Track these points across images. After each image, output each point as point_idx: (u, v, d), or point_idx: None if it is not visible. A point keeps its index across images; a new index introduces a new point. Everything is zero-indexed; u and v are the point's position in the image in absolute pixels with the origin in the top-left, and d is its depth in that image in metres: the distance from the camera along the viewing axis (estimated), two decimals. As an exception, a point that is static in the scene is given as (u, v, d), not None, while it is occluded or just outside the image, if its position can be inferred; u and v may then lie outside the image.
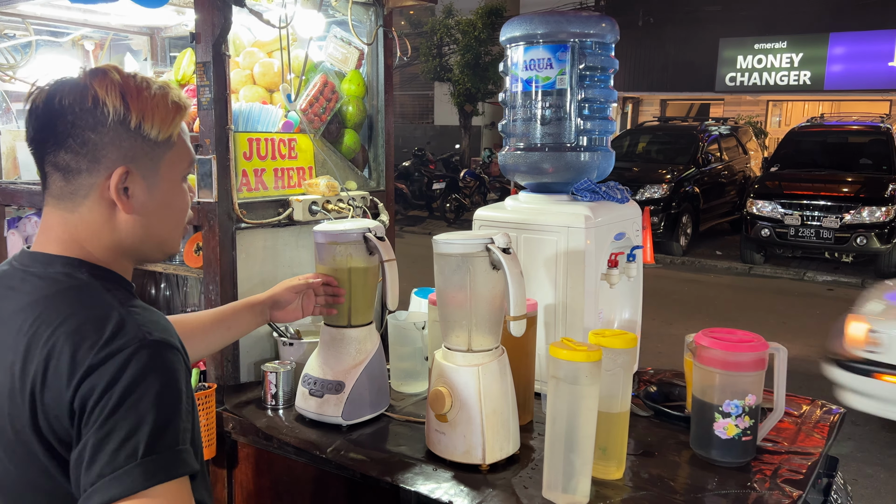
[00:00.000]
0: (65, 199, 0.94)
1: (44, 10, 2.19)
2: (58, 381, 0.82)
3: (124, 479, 0.78)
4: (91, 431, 0.80)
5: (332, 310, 1.50)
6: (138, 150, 0.93)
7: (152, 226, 0.98)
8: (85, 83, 0.91)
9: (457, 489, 1.28)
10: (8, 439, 0.87)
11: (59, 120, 0.90)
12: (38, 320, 0.86)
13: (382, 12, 2.00)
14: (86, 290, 0.91)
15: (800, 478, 1.35)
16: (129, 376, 0.81)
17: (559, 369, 1.21)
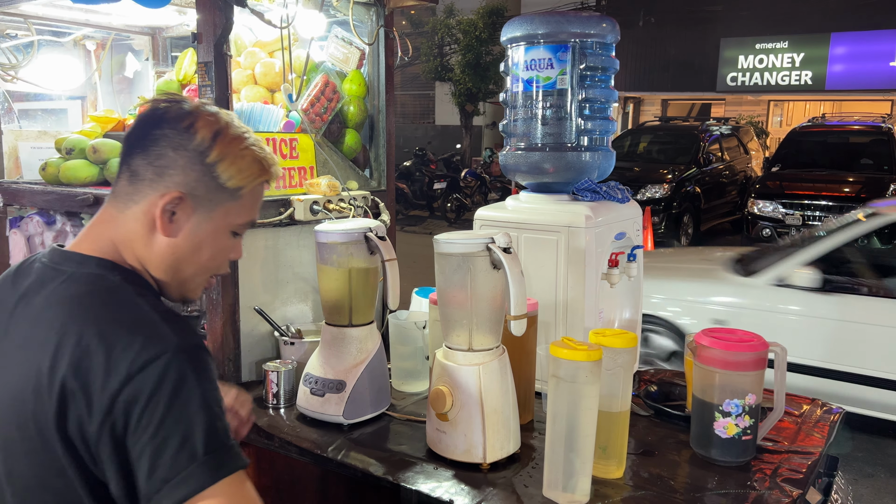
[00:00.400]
0: (121, 200, 0.97)
1: (45, 9, 2.20)
2: (91, 384, 0.82)
3: (190, 480, 0.81)
4: (145, 439, 0.81)
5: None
6: (202, 185, 0.96)
7: (181, 260, 0.99)
8: (193, 111, 0.97)
9: (458, 488, 1.28)
10: (28, 436, 0.87)
11: (155, 129, 0.96)
12: (70, 319, 0.87)
13: (383, 12, 2.00)
14: (118, 292, 0.91)
15: (800, 477, 1.36)
16: (173, 381, 0.82)
17: (560, 368, 1.21)
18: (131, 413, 0.81)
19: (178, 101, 0.98)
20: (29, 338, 0.89)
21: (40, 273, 0.96)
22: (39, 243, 2.26)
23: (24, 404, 0.87)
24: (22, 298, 0.94)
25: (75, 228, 2.26)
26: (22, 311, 0.93)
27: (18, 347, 0.90)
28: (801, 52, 12.31)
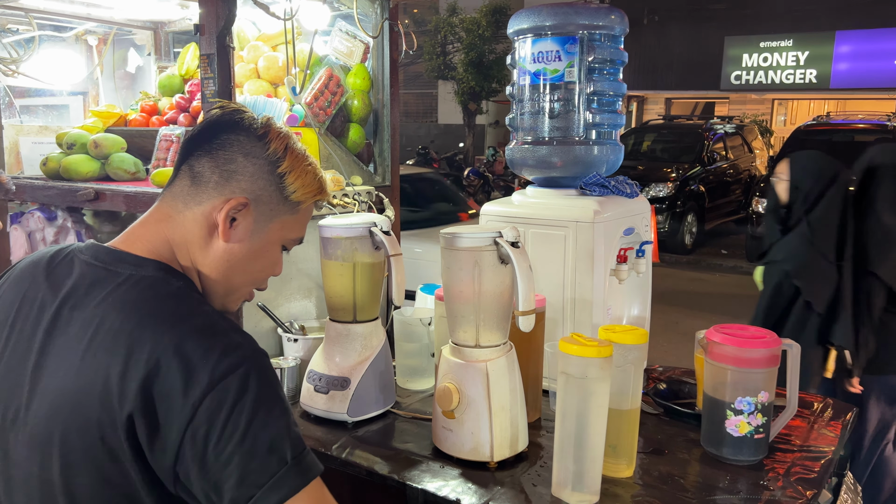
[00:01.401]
0: (180, 200, 0.96)
1: (46, 3, 2.18)
2: (170, 394, 0.80)
3: (283, 484, 0.82)
4: (231, 447, 0.80)
5: None
6: (266, 194, 0.96)
7: (234, 267, 0.98)
8: (266, 123, 0.97)
9: (464, 487, 1.26)
10: (90, 443, 0.83)
11: (225, 133, 0.95)
12: (139, 327, 0.84)
13: (388, 5, 1.98)
14: (185, 299, 0.89)
15: (813, 476, 1.33)
16: (255, 388, 0.82)
17: (569, 365, 1.19)
18: (215, 421, 0.80)
19: (246, 111, 0.98)
20: (91, 342, 0.85)
21: (87, 272, 0.91)
22: (40, 239, 2.24)
23: (88, 410, 0.83)
24: (69, 297, 0.90)
25: (76, 224, 2.24)
26: (72, 311, 0.88)
27: (78, 350, 0.85)
28: (805, 50, 12.26)
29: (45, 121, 2.60)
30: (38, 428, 0.86)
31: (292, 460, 0.83)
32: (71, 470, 0.85)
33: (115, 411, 0.81)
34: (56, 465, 0.85)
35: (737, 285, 7.78)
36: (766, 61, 12.63)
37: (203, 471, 0.81)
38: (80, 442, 0.83)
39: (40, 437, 0.86)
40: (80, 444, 0.84)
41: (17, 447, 0.89)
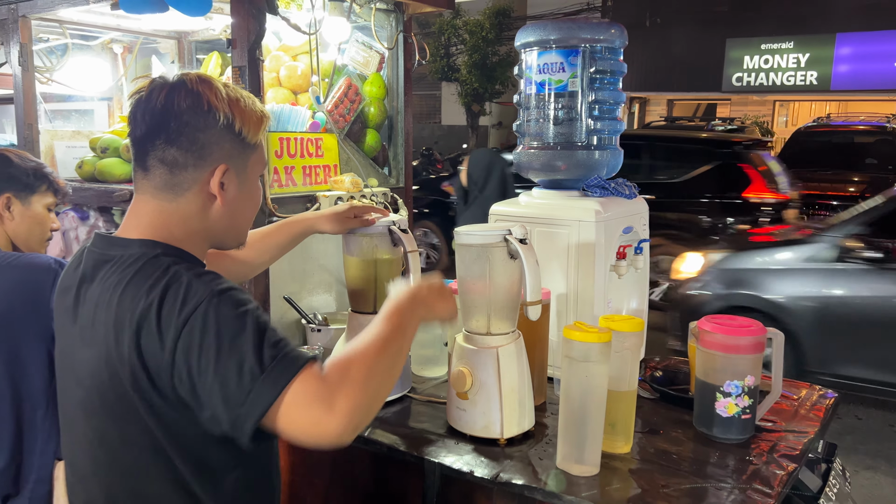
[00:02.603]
0: (166, 191, 1.06)
1: (80, 15, 2.31)
2: (153, 344, 0.95)
3: (259, 397, 0.90)
4: (209, 379, 0.92)
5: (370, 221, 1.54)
6: (235, 151, 1.07)
7: (236, 216, 1.12)
8: (197, 90, 1.02)
9: (477, 460, 1.38)
10: (110, 404, 0.99)
11: (174, 120, 1.02)
12: (123, 296, 0.99)
13: (402, 18, 2.11)
14: (157, 264, 1.02)
15: (795, 453, 1.45)
16: (214, 323, 0.93)
17: (572, 350, 1.32)
18: (191, 359, 0.92)
19: (174, 86, 1.02)
20: (94, 319, 1.01)
21: (90, 259, 1.08)
22: (74, 237, 2.38)
23: (100, 375, 0.99)
24: (82, 285, 1.07)
25: (107, 224, 2.38)
26: (84, 296, 1.05)
27: (87, 328, 1.03)
28: (806, 52, 12.36)
29: (72, 125, 2.73)
30: (79, 393, 1.04)
31: (262, 373, 0.90)
32: (101, 426, 1.02)
33: (119, 372, 0.97)
34: (91, 421, 1.03)
35: (737, 285, 7.89)
36: (767, 63, 12.73)
37: (199, 405, 0.94)
38: (101, 402, 1.01)
39: (80, 400, 1.04)
40: (100, 405, 1.01)
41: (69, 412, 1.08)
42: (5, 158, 1.69)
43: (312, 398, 0.92)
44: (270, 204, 1.76)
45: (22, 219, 1.69)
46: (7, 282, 1.57)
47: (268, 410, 0.91)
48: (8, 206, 1.67)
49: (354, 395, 0.93)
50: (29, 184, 1.69)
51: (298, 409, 0.91)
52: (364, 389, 0.95)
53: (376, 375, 0.98)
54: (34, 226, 1.72)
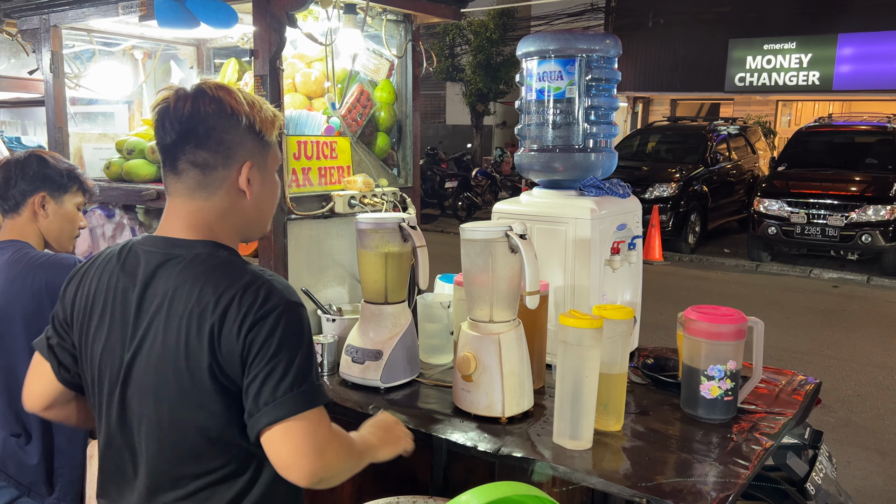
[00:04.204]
0: (201, 190, 1.16)
1: (107, 24, 2.45)
2: (231, 334, 1.08)
3: (283, 406, 1.07)
4: (259, 368, 1.07)
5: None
6: (256, 149, 1.19)
7: (262, 209, 1.24)
8: (218, 96, 1.14)
9: (480, 436, 1.52)
10: (182, 379, 1.10)
11: (202, 125, 1.13)
12: (204, 290, 1.10)
13: (411, 28, 2.24)
14: (232, 264, 1.15)
15: (773, 432, 1.58)
16: (283, 329, 1.08)
17: (567, 335, 1.45)
18: (252, 349, 1.07)
19: (197, 93, 1.13)
20: (169, 311, 1.12)
21: (151, 258, 1.16)
22: (100, 234, 2.52)
23: (178, 361, 1.10)
24: (148, 281, 1.15)
25: (131, 221, 2.52)
26: (152, 291, 1.14)
27: (161, 319, 1.12)
28: (808, 52, 12.43)
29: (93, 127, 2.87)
30: (146, 381, 1.14)
31: (299, 389, 1.07)
32: (174, 408, 1.13)
33: (197, 357, 1.08)
34: (163, 405, 1.13)
35: (738, 283, 8.01)
36: (769, 63, 12.81)
37: (247, 388, 1.08)
38: (175, 379, 1.11)
39: (148, 387, 1.13)
40: (174, 382, 1.11)
41: (131, 398, 1.16)
42: (42, 159, 1.80)
43: (313, 435, 1.09)
44: (289, 202, 1.90)
45: (55, 217, 1.80)
46: (38, 282, 1.65)
47: (281, 420, 1.07)
48: (43, 205, 1.77)
49: (338, 458, 1.14)
50: (62, 184, 1.80)
51: (300, 435, 1.08)
52: (344, 461, 1.17)
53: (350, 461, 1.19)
54: (65, 224, 1.82)
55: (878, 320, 6.50)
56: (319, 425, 1.11)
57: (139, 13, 2.04)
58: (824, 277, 8.26)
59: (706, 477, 1.36)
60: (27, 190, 1.75)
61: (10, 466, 1.71)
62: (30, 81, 3.26)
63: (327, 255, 2.07)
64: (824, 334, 5.91)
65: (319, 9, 1.96)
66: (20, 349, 1.65)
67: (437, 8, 2.18)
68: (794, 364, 4.77)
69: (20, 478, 1.71)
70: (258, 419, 1.07)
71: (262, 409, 1.07)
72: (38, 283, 1.65)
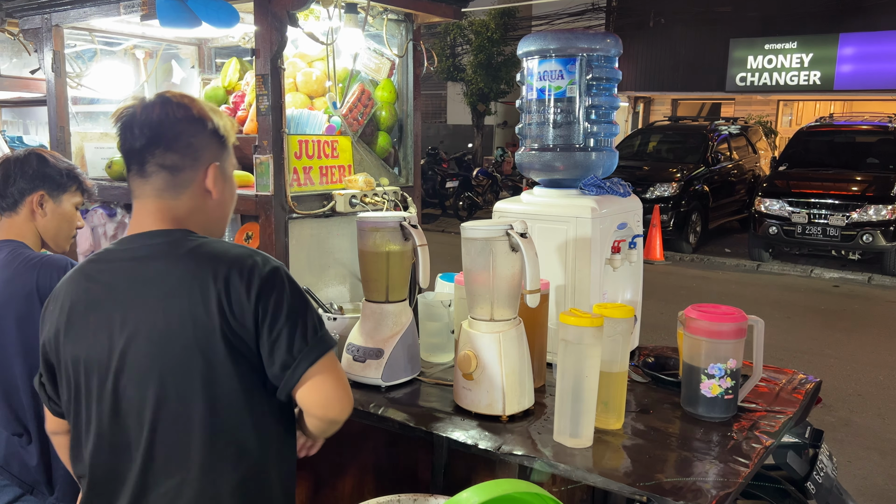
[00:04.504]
0: (169, 190, 1.21)
1: (109, 24, 2.46)
2: (241, 299, 1.15)
3: (314, 350, 1.18)
4: (281, 324, 1.16)
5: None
6: (220, 150, 1.26)
7: (224, 208, 1.31)
8: (184, 103, 1.21)
9: (481, 434, 1.52)
10: (192, 356, 1.14)
11: (170, 129, 1.19)
12: (199, 266, 1.15)
13: (412, 27, 2.25)
14: (215, 242, 1.22)
15: (774, 430, 1.59)
16: (289, 286, 1.19)
17: (568, 333, 1.45)
18: (269, 306, 1.15)
19: (164, 101, 1.20)
20: (163, 292, 1.15)
21: (132, 252, 1.20)
22: (102, 233, 2.53)
23: (184, 339, 1.13)
24: (133, 270, 1.18)
25: (133, 220, 2.52)
26: (138, 279, 1.17)
27: (155, 304, 1.15)
28: (809, 52, 12.42)
29: (98, 126, 2.88)
30: (142, 367, 1.15)
31: (319, 334, 1.19)
32: (182, 387, 1.15)
33: (206, 329, 1.13)
34: (168, 386, 1.15)
35: (739, 283, 8.01)
36: (770, 63, 12.80)
37: (274, 344, 1.16)
38: (182, 365, 1.14)
39: (149, 372, 1.15)
40: (181, 367, 1.14)
41: (126, 388, 1.17)
42: (42, 158, 1.79)
43: (341, 371, 1.23)
44: (291, 201, 1.90)
45: (52, 216, 1.79)
46: (29, 284, 1.63)
47: (317, 362, 1.18)
48: (41, 203, 1.77)
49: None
50: (61, 183, 1.79)
51: (336, 371, 1.22)
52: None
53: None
54: (63, 223, 1.82)
55: (879, 320, 6.50)
56: (338, 363, 1.25)
57: (141, 13, 2.05)
58: (825, 277, 8.25)
59: (706, 475, 1.37)
60: (26, 188, 1.74)
61: (14, 465, 1.72)
62: (32, 81, 3.26)
63: (328, 253, 2.07)
64: (825, 334, 5.91)
65: (320, 8, 1.96)
66: (15, 352, 1.65)
67: (437, 7, 2.19)
68: (795, 363, 4.77)
69: (23, 476, 1.72)
70: (298, 365, 1.16)
71: (297, 357, 1.16)
72: (29, 285, 1.63)
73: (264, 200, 1.88)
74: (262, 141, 1.86)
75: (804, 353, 5.25)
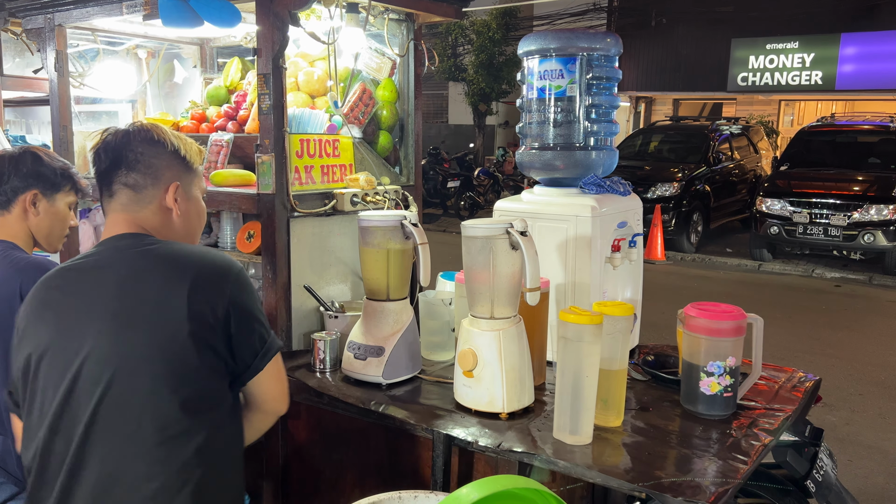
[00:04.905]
0: (133, 205, 1.33)
1: (112, 23, 2.47)
2: (206, 297, 1.23)
3: (271, 350, 1.34)
4: (243, 324, 1.28)
5: None
6: (182, 172, 1.38)
7: (189, 226, 1.41)
8: (147, 128, 1.35)
9: (481, 431, 1.53)
10: (165, 354, 1.20)
11: (131, 152, 1.32)
12: (165, 267, 1.24)
13: (413, 27, 2.26)
14: (179, 244, 1.32)
15: (773, 428, 1.59)
16: (248, 287, 1.32)
17: (567, 331, 1.46)
18: (234, 306, 1.26)
19: (128, 129, 1.34)
20: (135, 291, 1.22)
21: (104, 254, 1.29)
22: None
23: (147, 326, 1.21)
24: (105, 268, 1.26)
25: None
26: (109, 277, 1.25)
27: (127, 300, 1.22)
28: (811, 52, 12.41)
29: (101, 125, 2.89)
30: (102, 356, 1.20)
31: (272, 335, 1.35)
32: (134, 375, 1.20)
33: (176, 323, 1.20)
34: (120, 375, 1.19)
35: (740, 283, 8.00)
36: (772, 63, 12.79)
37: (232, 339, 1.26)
38: (139, 354, 1.20)
39: (105, 362, 1.20)
40: (138, 356, 1.20)
41: (87, 381, 1.20)
42: (37, 157, 1.77)
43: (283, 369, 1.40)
44: (292, 200, 1.91)
45: (45, 215, 1.77)
46: (12, 286, 1.59)
47: (269, 363, 1.33)
48: (34, 202, 1.74)
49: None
50: (56, 182, 1.78)
51: (281, 370, 1.38)
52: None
53: None
54: (56, 222, 1.80)
55: (880, 320, 6.49)
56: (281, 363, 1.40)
57: (143, 12, 2.06)
58: (826, 277, 8.25)
59: (705, 472, 1.37)
60: (19, 187, 1.72)
61: (9, 463, 1.72)
62: (35, 80, 3.27)
63: (330, 252, 2.08)
64: (826, 333, 5.91)
65: (322, 8, 1.97)
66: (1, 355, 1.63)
67: (438, 7, 2.20)
68: (797, 363, 4.77)
69: (18, 474, 1.73)
70: (259, 363, 1.30)
71: (258, 355, 1.30)
72: (12, 288, 1.60)
73: (266, 199, 1.88)
74: (263, 140, 1.87)
75: (805, 353, 5.25)
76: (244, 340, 1.28)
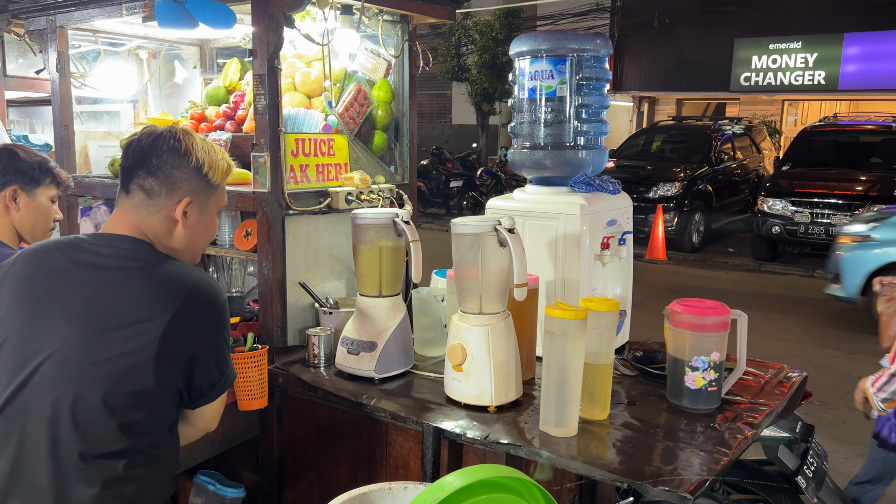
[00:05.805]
0: (142, 209, 1.35)
1: (113, 25, 2.51)
2: (187, 325, 1.26)
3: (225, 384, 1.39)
4: (207, 358, 1.32)
5: None
6: (200, 188, 1.37)
7: (193, 241, 1.41)
8: (179, 137, 1.34)
9: (470, 424, 1.56)
10: (128, 368, 1.23)
11: (155, 157, 1.33)
12: (151, 295, 1.25)
13: (408, 28, 2.29)
14: (174, 263, 1.33)
15: (756, 422, 1.62)
16: (221, 322, 1.35)
17: (553, 325, 1.49)
18: (210, 334, 1.31)
19: (161, 132, 1.34)
20: (112, 300, 1.25)
21: (101, 249, 1.30)
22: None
23: (121, 338, 1.22)
24: (97, 267, 1.28)
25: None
26: (96, 278, 1.27)
27: (110, 306, 1.24)
28: (814, 52, 12.40)
29: (98, 125, 2.94)
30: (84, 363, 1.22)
31: (228, 369, 1.37)
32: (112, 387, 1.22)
33: (146, 349, 1.21)
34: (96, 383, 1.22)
35: (741, 282, 8.01)
36: (775, 63, 12.78)
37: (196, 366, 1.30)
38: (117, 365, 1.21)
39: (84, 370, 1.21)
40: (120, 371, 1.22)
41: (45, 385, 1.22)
42: (12, 153, 1.79)
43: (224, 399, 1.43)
44: (287, 198, 1.95)
45: (27, 210, 1.79)
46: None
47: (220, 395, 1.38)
48: (14, 198, 1.77)
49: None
50: (34, 177, 1.80)
51: (223, 399, 1.41)
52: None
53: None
54: (38, 217, 1.82)
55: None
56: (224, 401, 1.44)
57: (142, 14, 2.10)
58: (828, 277, 8.23)
59: (687, 463, 1.40)
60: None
61: None
62: (37, 81, 3.32)
63: (324, 249, 2.12)
64: (827, 332, 5.92)
65: (317, 10, 2.00)
66: None
67: (432, 8, 2.23)
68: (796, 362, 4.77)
69: None
70: (212, 395, 1.35)
71: (214, 387, 1.35)
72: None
73: (262, 197, 1.92)
74: (259, 139, 1.91)
75: (805, 352, 5.26)
76: (203, 375, 1.32)
